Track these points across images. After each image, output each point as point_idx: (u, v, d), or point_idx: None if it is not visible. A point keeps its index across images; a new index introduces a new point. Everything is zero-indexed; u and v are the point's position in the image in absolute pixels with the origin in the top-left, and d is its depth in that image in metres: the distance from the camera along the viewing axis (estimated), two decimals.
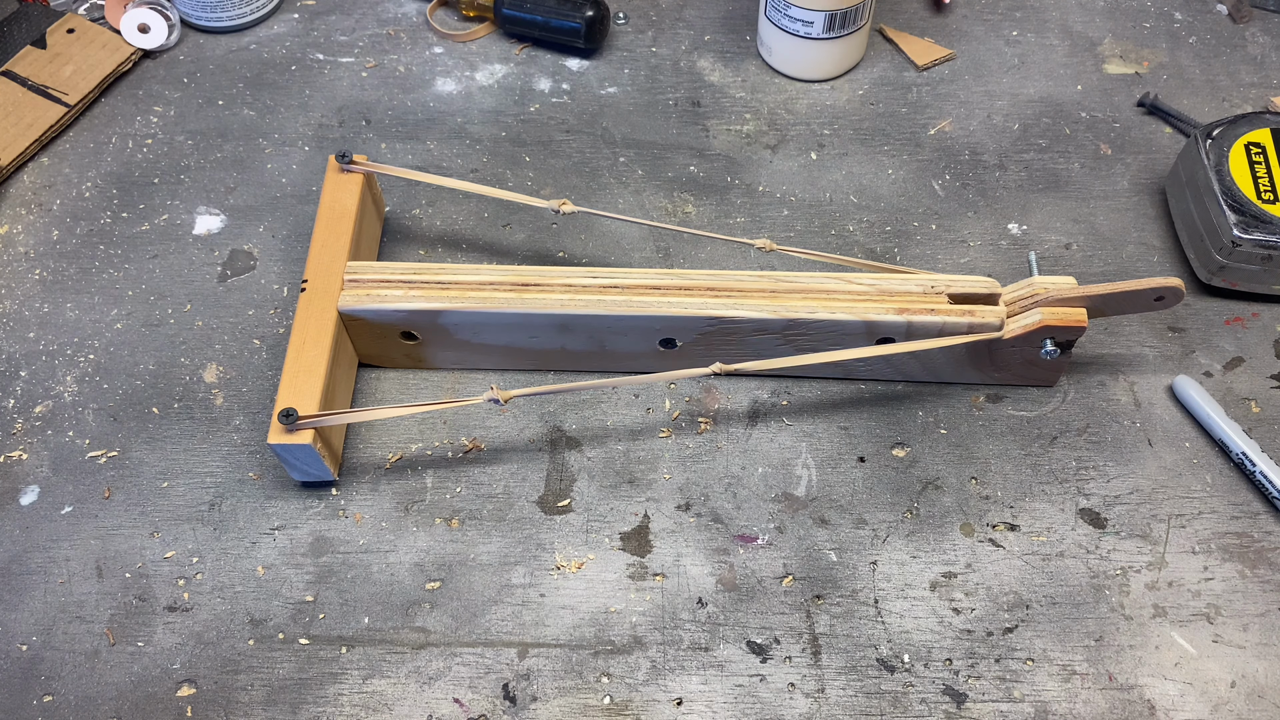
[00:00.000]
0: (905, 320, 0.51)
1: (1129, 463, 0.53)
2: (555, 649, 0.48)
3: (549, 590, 0.49)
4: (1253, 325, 0.58)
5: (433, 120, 0.68)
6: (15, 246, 0.62)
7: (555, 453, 0.54)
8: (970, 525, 0.51)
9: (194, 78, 0.70)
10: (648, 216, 0.63)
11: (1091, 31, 0.73)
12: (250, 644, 0.48)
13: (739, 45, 0.72)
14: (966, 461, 0.53)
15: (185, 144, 0.67)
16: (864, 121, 0.68)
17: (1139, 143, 0.66)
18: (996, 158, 0.66)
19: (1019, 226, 0.62)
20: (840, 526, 0.51)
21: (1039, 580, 0.50)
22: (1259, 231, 0.55)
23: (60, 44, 0.69)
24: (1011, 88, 0.70)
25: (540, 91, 0.70)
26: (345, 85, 0.70)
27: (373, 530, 0.51)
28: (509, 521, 0.51)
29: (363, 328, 0.53)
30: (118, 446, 0.54)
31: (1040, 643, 0.48)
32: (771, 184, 0.64)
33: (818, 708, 0.46)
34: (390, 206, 0.63)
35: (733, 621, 0.48)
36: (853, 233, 0.62)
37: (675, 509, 0.52)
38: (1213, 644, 0.48)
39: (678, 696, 0.46)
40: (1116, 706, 0.46)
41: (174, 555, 0.50)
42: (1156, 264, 0.61)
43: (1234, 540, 0.51)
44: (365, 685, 0.47)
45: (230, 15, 0.72)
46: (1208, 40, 0.72)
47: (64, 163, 0.66)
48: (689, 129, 0.67)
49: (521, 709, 0.46)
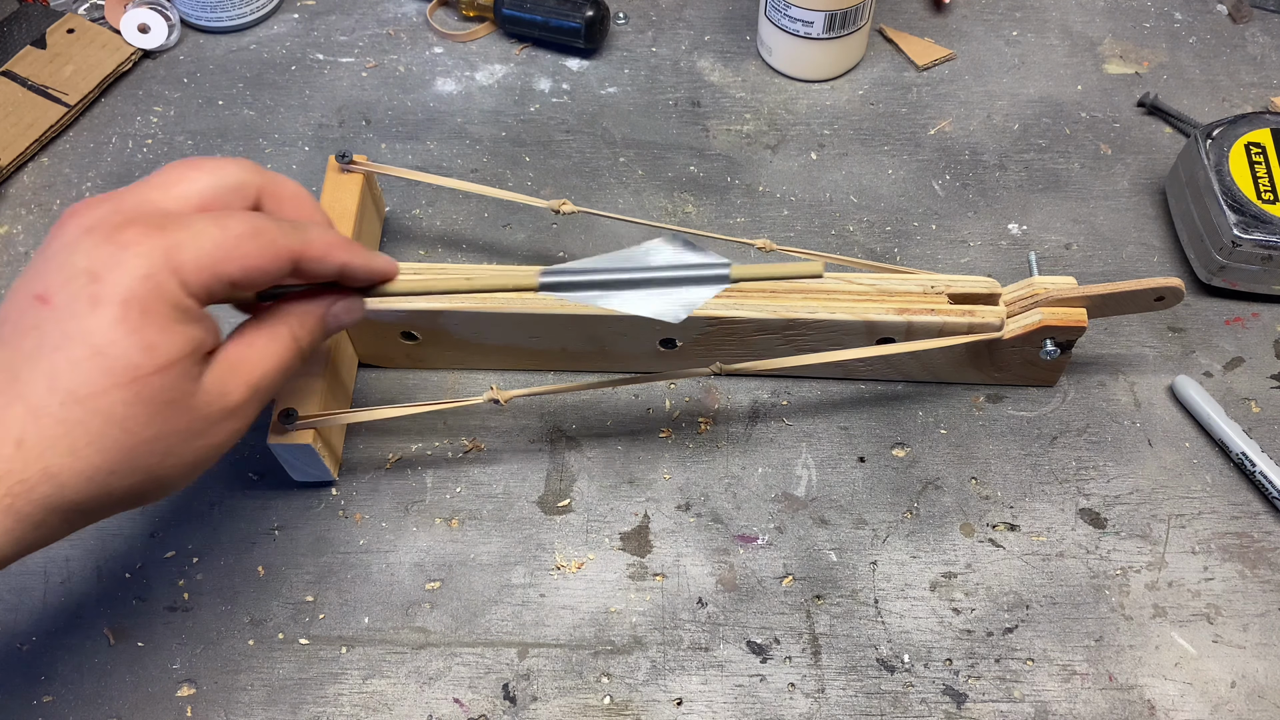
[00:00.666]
0: (905, 320, 0.51)
1: (1129, 463, 0.53)
2: (555, 649, 0.48)
3: (549, 590, 0.49)
4: (1253, 325, 0.58)
5: (433, 120, 0.68)
6: (15, 246, 0.62)
7: (555, 453, 0.54)
8: (970, 525, 0.51)
9: (194, 78, 0.70)
10: (648, 216, 0.63)
11: (1091, 31, 0.73)
12: (250, 644, 0.48)
13: (739, 45, 0.72)
14: (966, 461, 0.53)
15: (185, 144, 0.67)
16: (864, 121, 0.68)
17: (1139, 143, 0.66)
18: (996, 158, 0.66)
19: (1019, 226, 0.62)
20: (840, 526, 0.51)
21: (1039, 580, 0.50)
22: (1259, 231, 0.55)
23: (60, 44, 0.69)
24: (1011, 88, 0.70)
25: (540, 91, 0.70)
26: (345, 85, 0.70)
27: (373, 530, 0.51)
28: (509, 521, 0.51)
29: (363, 327, 0.53)
30: None
31: (1040, 643, 0.48)
32: (771, 184, 0.65)
33: (818, 708, 0.46)
34: (390, 206, 0.63)
35: (733, 621, 0.48)
36: (853, 233, 0.62)
37: (675, 509, 0.52)
38: (1213, 644, 0.48)
39: (678, 696, 0.46)
40: (1116, 706, 0.46)
41: (174, 555, 0.50)
42: (1156, 264, 0.61)
43: (1234, 540, 0.51)
44: (365, 685, 0.47)
45: (230, 15, 0.72)
46: (1208, 40, 0.72)
47: (64, 163, 0.66)
48: (689, 129, 0.67)
49: (521, 709, 0.46)
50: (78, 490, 0.34)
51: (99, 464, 0.33)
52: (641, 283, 0.43)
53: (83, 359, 0.33)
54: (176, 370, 0.34)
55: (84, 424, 0.33)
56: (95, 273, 0.33)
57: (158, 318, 0.33)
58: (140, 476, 0.35)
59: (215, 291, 0.35)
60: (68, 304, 0.33)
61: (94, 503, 0.34)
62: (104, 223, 0.34)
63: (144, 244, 0.33)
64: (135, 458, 0.34)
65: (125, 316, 0.33)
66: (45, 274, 0.34)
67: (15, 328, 0.34)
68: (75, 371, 0.33)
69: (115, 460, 0.34)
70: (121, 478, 0.34)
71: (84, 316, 0.33)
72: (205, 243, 0.34)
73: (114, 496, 0.35)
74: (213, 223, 0.35)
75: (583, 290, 0.43)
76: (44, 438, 0.33)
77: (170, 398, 0.34)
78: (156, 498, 0.37)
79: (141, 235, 0.34)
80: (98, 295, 0.33)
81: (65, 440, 0.33)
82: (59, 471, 0.33)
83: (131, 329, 0.33)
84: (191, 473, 0.37)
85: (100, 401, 0.33)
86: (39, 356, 0.33)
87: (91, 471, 0.33)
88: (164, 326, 0.34)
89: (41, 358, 0.33)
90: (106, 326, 0.33)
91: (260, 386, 0.38)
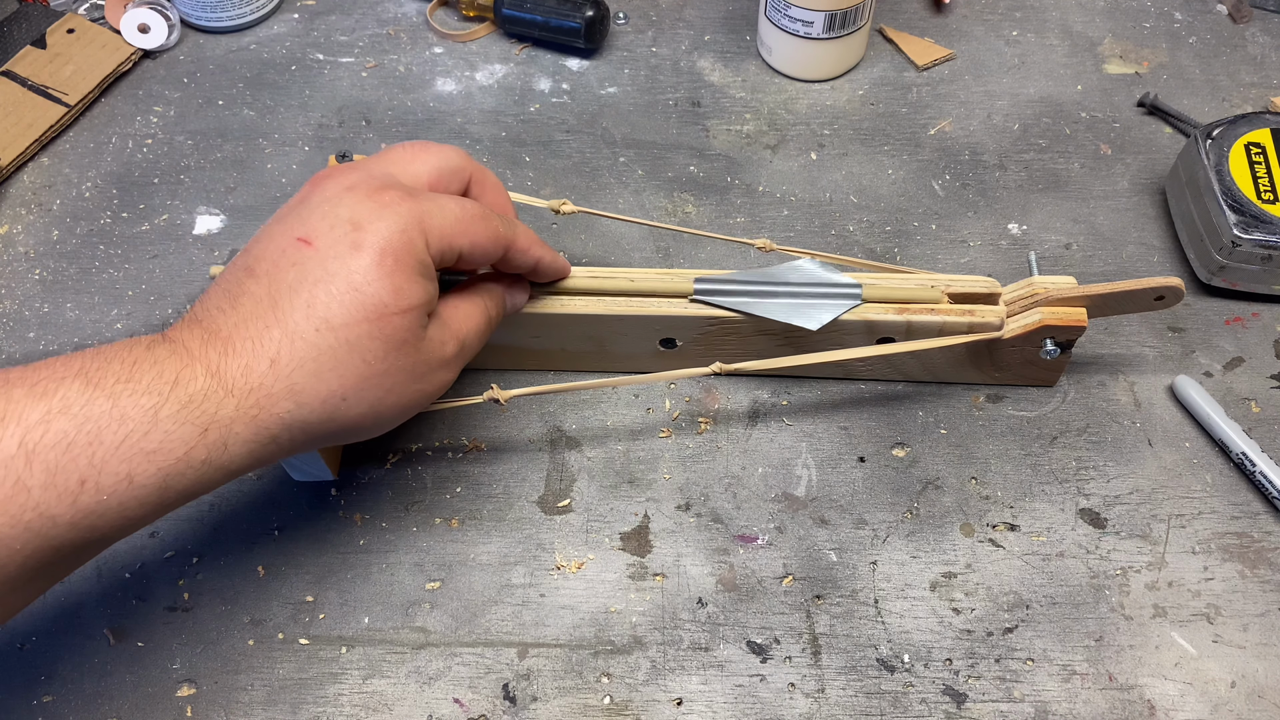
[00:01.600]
0: (905, 320, 0.51)
1: (1129, 463, 0.53)
2: (555, 649, 0.48)
3: (549, 590, 0.49)
4: (1253, 325, 0.58)
5: (433, 120, 0.68)
6: (15, 246, 0.62)
7: (555, 453, 0.54)
8: (970, 525, 0.51)
9: (194, 78, 0.70)
10: (648, 216, 0.63)
11: (1091, 31, 0.73)
12: (250, 644, 0.48)
13: (739, 45, 0.72)
14: (966, 461, 0.53)
15: (185, 144, 0.67)
16: (864, 121, 0.68)
17: (1139, 143, 0.66)
18: (996, 158, 0.66)
19: (1019, 226, 0.62)
20: (840, 526, 0.51)
21: (1039, 580, 0.50)
22: (1259, 231, 0.55)
23: (60, 44, 0.69)
24: (1011, 88, 0.70)
25: (540, 91, 0.70)
26: (345, 85, 0.70)
27: (373, 530, 0.51)
28: (509, 521, 0.51)
29: None
30: None
31: (1040, 643, 0.48)
32: (771, 184, 0.65)
33: (818, 708, 0.46)
34: None
35: (733, 621, 0.48)
36: (853, 233, 0.62)
37: (675, 509, 0.52)
38: (1213, 644, 0.48)
39: (678, 696, 0.46)
40: (1116, 706, 0.46)
41: (174, 555, 0.50)
42: (1156, 264, 0.61)
43: (1234, 540, 0.51)
44: (365, 685, 0.47)
45: (230, 15, 0.72)
46: (1208, 40, 0.72)
47: (64, 163, 0.66)
48: (689, 129, 0.67)
49: (521, 709, 0.46)
50: (312, 410, 0.38)
51: (336, 388, 0.38)
52: (783, 295, 0.50)
53: (340, 293, 0.37)
54: (413, 315, 0.39)
55: (332, 350, 0.37)
56: (358, 222, 0.38)
57: (406, 268, 0.38)
58: (365, 408, 0.39)
59: (446, 258, 0.41)
60: (331, 246, 0.38)
61: (322, 426, 0.38)
62: (364, 183, 0.40)
63: (401, 205, 0.39)
64: (366, 388, 0.38)
65: (381, 262, 0.38)
66: (308, 220, 0.39)
67: (275, 264, 0.38)
68: (332, 303, 0.37)
69: (350, 386, 0.38)
70: (351, 405, 0.38)
71: (346, 257, 0.37)
72: (449, 216, 0.40)
73: (339, 423, 0.39)
74: (454, 202, 0.41)
75: (732, 298, 0.50)
76: (295, 358, 0.37)
77: (405, 338, 0.39)
78: (373, 433, 0.41)
79: (399, 199, 0.39)
80: (359, 241, 0.38)
81: (313, 362, 0.37)
82: (302, 389, 0.37)
83: (386, 273, 0.38)
84: (405, 413, 0.41)
85: (350, 332, 0.37)
86: (300, 288, 0.37)
87: (328, 394, 0.38)
88: (410, 276, 0.38)
89: (302, 289, 0.37)
90: (365, 267, 0.37)
91: (466, 343, 0.43)
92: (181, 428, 0.35)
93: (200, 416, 0.36)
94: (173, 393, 0.36)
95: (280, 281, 0.38)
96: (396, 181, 0.41)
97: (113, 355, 0.36)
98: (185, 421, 0.36)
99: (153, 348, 0.37)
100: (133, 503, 0.35)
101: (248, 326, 0.37)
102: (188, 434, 0.36)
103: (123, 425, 0.35)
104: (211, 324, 0.38)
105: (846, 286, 0.50)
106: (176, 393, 0.36)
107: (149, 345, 0.37)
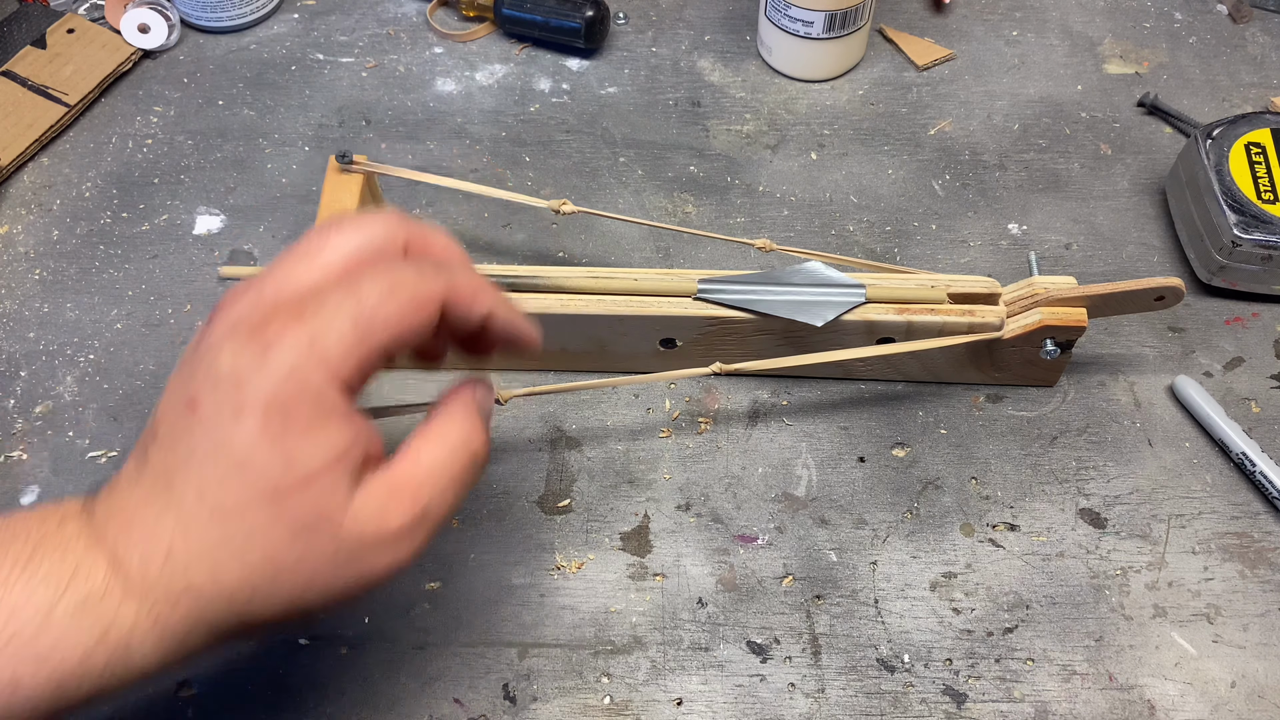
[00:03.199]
0: (905, 320, 0.51)
1: (1129, 463, 0.53)
2: (555, 649, 0.48)
3: (549, 590, 0.49)
4: (1253, 325, 0.58)
5: (433, 120, 0.68)
6: (15, 246, 0.62)
7: (555, 453, 0.54)
8: (970, 525, 0.51)
9: (194, 78, 0.70)
10: (648, 216, 0.63)
11: (1091, 31, 0.73)
12: (250, 644, 0.48)
13: (739, 45, 0.72)
14: (966, 461, 0.53)
15: (185, 144, 0.67)
16: (864, 121, 0.68)
17: (1139, 143, 0.66)
18: (996, 158, 0.66)
19: (1019, 226, 0.62)
20: (840, 526, 0.51)
21: (1039, 580, 0.50)
22: (1259, 231, 0.55)
23: (60, 44, 0.69)
24: (1011, 88, 0.70)
25: (540, 91, 0.70)
26: (345, 85, 0.70)
27: None
28: (509, 521, 0.51)
29: None
30: (118, 446, 0.54)
31: (1040, 643, 0.48)
32: (771, 184, 0.65)
33: (818, 708, 0.46)
34: (390, 207, 0.63)
35: (733, 621, 0.48)
36: (853, 233, 0.62)
37: (675, 509, 0.52)
38: (1213, 644, 0.48)
39: (678, 696, 0.46)
40: (1116, 706, 0.46)
41: None
42: (1156, 264, 0.61)
43: (1234, 540, 0.51)
44: (365, 685, 0.47)
45: (230, 15, 0.72)
46: (1208, 40, 0.72)
47: (64, 163, 0.66)
48: (689, 129, 0.67)
49: (521, 709, 0.46)
50: (217, 612, 0.32)
51: (239, 586, 0.32)
52: (787, 294, 0.51)
53: (227, 472, 0.31)
54: (319, 486, 0.32)
55: (228, 542, 0.31)
56: (239, 378, 0.31)
57: (301, 423, 0.31)
58: (281, 604, 0.33)
59: (369, 367, 0.33)
60: (214, 413, 0.31)
61: (236, 628, 0.33)
62: (245, 321, 0.32)
63: (285, 339, 0.31)
64: (276, 584, 0.32)
65: (266, 426, 0.31)
66: (193, 378, 0.32)
67: (170, 431, 0.32)
68: (221, 485, 0.31)
69: (255, 584, 0.32)
70: (263, 602, 0.32)
71: (228, 426, 0.31)
72: (343, 321, 0.32)
73: (255, 621, 0.33)
74: (346, 294, 0.32)
75: (736, 298, 0.50)
76: (190, 551, 0.31)
77: (312, 519, 0.32)
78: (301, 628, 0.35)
79: (282, 329, 0.31)
80: (240, 403, 0.31)
81: (209, 557, 0.31)
82: (202, 588, 0.32)
83: (272, 439, 0.31)
84: (342, 602, 0.34)
85: (243, 519, 0.31)
86: (190, 465, 0.32)
87: (232, 592, 0.32)
88: (307, 433, 0.31)
89: (192, 467, 0.31)
90: (248, 437, 0.31)
91: (430, 509, 0.34)
92: (78, 630, 0.31)
93: (99, 618, 0.31)
94: (71, 586, 0.31)
95: (174, 454, 0.32)
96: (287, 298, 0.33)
97: (19, 530, 0.32)
98: (82, 622, 0.31)
99: (64, 524, 0.33)
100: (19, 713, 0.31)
101: (147, 506, 0.32)
102: (84, 638, 0.31)
103: (10, 622, 0.30)
104: (122, 497, 0.33)
105: (850, 286, 0.51)
106: (75, 586, 0.31)
107: (61, 520, 0.33)
